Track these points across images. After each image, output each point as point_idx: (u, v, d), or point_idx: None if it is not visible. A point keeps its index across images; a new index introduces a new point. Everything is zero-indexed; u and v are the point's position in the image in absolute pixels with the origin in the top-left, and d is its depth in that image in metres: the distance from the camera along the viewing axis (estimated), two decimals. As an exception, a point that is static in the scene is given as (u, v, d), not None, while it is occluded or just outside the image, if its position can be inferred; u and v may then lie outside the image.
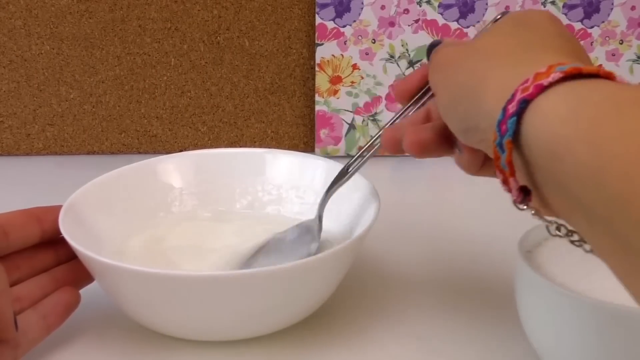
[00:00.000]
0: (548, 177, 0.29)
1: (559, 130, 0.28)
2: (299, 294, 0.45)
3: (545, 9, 0.39)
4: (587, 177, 0.26)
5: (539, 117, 0.29)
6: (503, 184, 0.32)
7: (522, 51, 0.34)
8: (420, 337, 0.47)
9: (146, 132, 0.77)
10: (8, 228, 0.44)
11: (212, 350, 0.46)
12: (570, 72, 0.29)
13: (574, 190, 0.27)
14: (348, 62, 0.74)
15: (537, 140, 0.29)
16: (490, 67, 0.34)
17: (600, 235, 0.27)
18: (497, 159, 0.32)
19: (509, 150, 0.31)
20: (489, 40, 0.37)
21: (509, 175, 0.32)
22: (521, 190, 0.32)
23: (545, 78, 0.29)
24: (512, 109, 0.30)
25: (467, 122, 0.35)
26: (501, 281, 0.53)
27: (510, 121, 0.30)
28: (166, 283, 0.42)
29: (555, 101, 0.29)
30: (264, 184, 0.57)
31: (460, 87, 0.35)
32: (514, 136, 0.30)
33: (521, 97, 0.30)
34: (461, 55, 0.37)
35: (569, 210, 0.29)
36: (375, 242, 0.55)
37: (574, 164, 0.27)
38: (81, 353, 0.46)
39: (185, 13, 0.74)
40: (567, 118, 0.28)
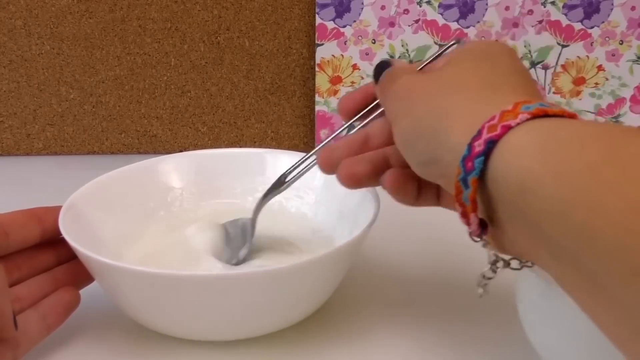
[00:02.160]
0: (515, 212, 0.29)
1: (528, 164, 0.28)
2: (299, 294, 0.45)
3: (503, 44, 0.39)
4: (555, 211, 0.26)
5: (507, 154, 0.29)
6: (462, 217, 0.33)
7: (484, 86, 0.34)
8: (420, 338, 0.47)
9: (146, 132, 0.77)
10: (8, 228, 0.44)
11: (212, 350, 0.46)
12: (537, 113, 0.30)
13: (541, 224, 0.27)
14: (348, 62, 0.74)
15: (505, 175, 0.29)
16: (454, 101, 0.34)
17: (566, 270, 0.27)
18: (458, 194, 0.32)
19: (473, 187, 0.31)
20: (451, 73, 0.37)
21: (471, 210, 0.32)
22: (479, 224, 0.33)
23: (513, 119, 0.30)
24: (478, 148, 0.30)
25: (428, 155, 0.35)
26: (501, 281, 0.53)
27: (478, 160, 0.30)
28: (166, 283, 0.42)
29: (524, 138, 0.29)
30: (264, 184, 0.57)
31: (423, 119, 0.35)
32: (480, 173, 0.31)
33: (488, 137, 0.30)
34: (422, 86, 0.37)
35: (534, 245, 0.29)
36: (375, 242, 0.55)
37: (543, 198, 0.27)
38: (81, 353, 0.46)
39: (185, 13, 0.74)
40: (535, 153, 0.28)
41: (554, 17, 0.73)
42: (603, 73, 0.75)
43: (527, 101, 0.31)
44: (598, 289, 0.25)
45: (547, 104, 0.31)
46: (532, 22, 0.73)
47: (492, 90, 0.34)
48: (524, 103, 0.30)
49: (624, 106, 0.76)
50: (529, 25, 0.73)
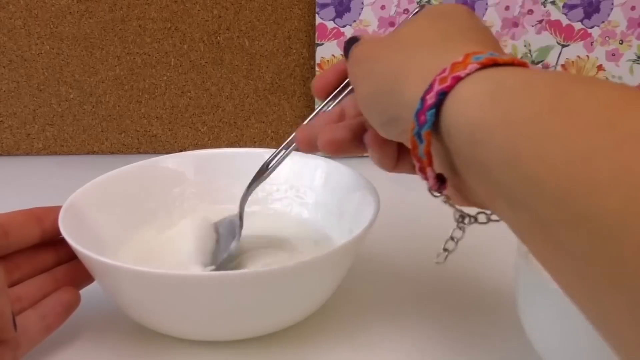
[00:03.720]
0: (469, 163, 0.30)
1: (477, 115, 0.29)
2: (299, 294, 0.45)
3: (461, 4, 0.39)
4: (505, 160, 0.27)
5: (458, 104, 0.30)
6: (419, 172, 0.33)
7: (439, 41, 0.35)
8: (420, 337, 0.47)
9: (146, 132, 0.77)
10: (8, 228, 0.44)
11: (212, 350, 0.46)
12: (486, 62, 0.30)
13: (494, 173, 0.28)
14: (348, 62, 0.74)
15: (457, 127, 0.30)
16: (408, 57, 0.34)
17: (519, 219, 0.27)
18: (414, 149, 0.32)
19: (427, 140, 0.31)
20: (407, 31, 0.37)
21: (427, 164, 0.32)
22: (437, 179, 0.33)
23: (463, 69, 0.30)
24: (430, 100, 0.30)
25: (388, 114, 0.36)
26: (501, 281, 0.53)
27: (430, 113, 0.31)
28: (166, 283, 0.42)
29: (474, 88, 0.29)
30: (263, 184, 0.57)
31: (380, 79, 0.36)
32: (432, 126, 0.31)
33: (439, 88, 0.30)
34: (380, 47, 0.37)
35: (491, 195, 0.29)
36: (375, 242, 0.55)
37: (492, 148, 0.27)
38: (81, 353, 0.46)
39: (185, 13, 0.74)
40: (484, 103, 0.28)
41: (554, 17, 0.73)
42: (603, 73, 0.75)
43: (478, 52, 0.31)
44: (547, 237, 0.25)
45: (499, 53, 0.31)
46: (532, 22, 0.73)
47: (446, 44, 0.34)
48: (474, 54, 0.31)
49: (624, 106, 0.76)
50: (529, 25, 0.73)
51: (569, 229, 0.24)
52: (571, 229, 0.24)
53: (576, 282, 0.25)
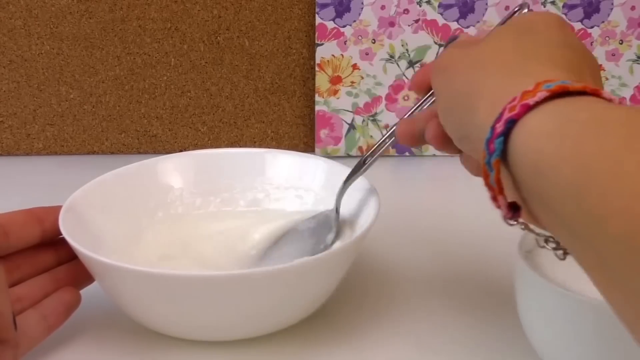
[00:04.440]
0: (532, 193, 0.30)
1: (544, 147, 0.28)
2: (299, 294, 0.45)
3: (556, 13, 0.38)
4: (569, 195, 0.26)
5: (525, 134, 0.29)
6: (492, 201, 0.33)
7: (519, 61, 0.34)
8: (420, 337, 0.47)
9: (146, 132, 0.77)
10: (8, 228, 0.44)
11: (212, 350, 0.46)
12: (557, 90, 0.30)
13: (555, 206, 0.28)
14: (348, 62, 0.74)
15: (522, 157, 0.29)
16: (484, 77, 0.34)
17: (581, 251, 0.27)
18: (486, 177, 0.32)
19: (496, 169, 0.31)
20: (490, 46, 0.37)
21: (498, 193, 0.32)
22: (510, 207, 0.32)
23: (532, 97, 0.30)
24: (499, 129, 0.30)
25: (461, 130, 0.36)
26: (501, 281, 0.53)
27: (498, 141, 0.30)
28: (166, 283, 0.42)
29: (542, 119, 0.29)
30: (264, 184, 0.57)
31: (456, 96, 0.36)
32: (501, 155, 0.31)
33: (508, 116, 0.30)
34: (461, 60, 0.37)
35: (553, 225, 0.29)
36: (375, 242, 0.55)
37: (556, 181, 0.27)
38: (81, 353, 0.46)
39: (185, 13, 0.74)
40: (552, 135, 0.28)
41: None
42: (603, 73, 0.75)
43: (550, 80, 0.30)
44: (608, 272, 0.25)
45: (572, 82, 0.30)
46: (532, 22, 0.73)
47: (524, 66, 0.33)
48: (546, 82, 0.30)
49: (624, 106, 0.76)
50: (529, 25, 0.73)
51: (633, 269, 0.24)
52: (633, 267, 0.24)
53: (635, 319, 0.25)
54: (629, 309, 0.25)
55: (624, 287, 0.25)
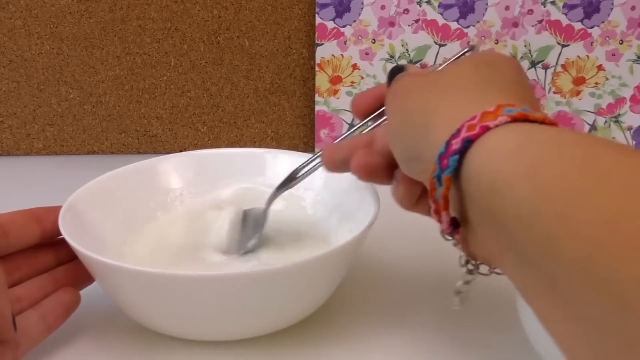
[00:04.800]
0: (485, 213, 0.29)
1: (502, 166, 0.28)
2: (299, 294, 0.45)
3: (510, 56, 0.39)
4: (524, 215, 0.26)
5: (482, 154, 0.29)
6: (434, 214, 0.33)
7: (476, 89, 0.34)
8: (420, 338, 0.47)
9: (146, 132, 0.77)
10: (8, 228, 0.44)
11: (212, 350, 0.46)
12: (517, 117, 0.30)
13: (509, 227, 0.27)
14: (348, 62, 0.74)
15: (478, 175, 0.29)
16: (442, 99, 0.34)
17: (528, 277, 0.27)
18: (432, 190, 0.32)
19: (446, 185, 0.31)
20: (448, 74, 0.37)
21: (442, 208, 0.32)
22: (451, 222, 0.33)
23: (493, 120, 0.30)
24: (455, 146, 0.30)
25: (412, 151, 0.35)
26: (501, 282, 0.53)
27: (453, 158, 0.30)
28: (166, 283, 0.42)
29: (501, 140, 0.29)
30: (263, 184, 0.57)
31: (411, 115, 0.36)
32: (454, 172, 0.31)
33: (466, 135, 0.30)
34: (418, 84, 0.37)
35: (501, 247, 0.29)
36: (375, 242, 0.55)
37: (512, 201, 0.27)
38: (81, 353, 0.46)
39: (185, 13, 0.74)
40: (510, 155, 0.28)
41: (554, 17, 0.73)
42: (603, 73, 0.75)
43: (511, 105, 0.30)
44: (558, 299, 0.25)
45: (532, 110, 0.30)
46: (532, 22, 0.73)
47: (482, 93, 0.34)
48: (507, 106, 0.30)
49: (624, 106, 0.76)
50: (529, 25, 0.73)
51: (586, 294, 0.23)
52: (589, 294, 0.23)
53: (583, 349, 0.24)
54: (578, 340, 0.24)
55: (571, 317, 0.24)
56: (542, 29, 0.73)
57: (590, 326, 0.23)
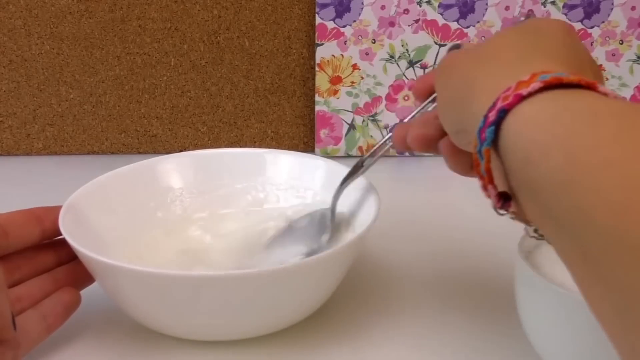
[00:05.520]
0: (521, 182, 0.29)
1: (535, 136, 0.28)
2: (299, 294, 0.45)
3: (562, 20, 0.38)
4: (558, 185, 0.26)
5: (516, 123, 0.29)
6: (483, 189, 0.33)
7: (519, 57, 0.34)
8: (420, 337, 0.47)
9: (146, 132, 0.77)
10: (8, 228, 0.44)
11: (212, 350, 0.46)
12: (551, 81, 0.29)
13: (544, 196, 0.27)
14: (348, 62, 0.74)
15: (513, 145, 0.29)
16: (484, 70, 0.34)
17: (564, 243, 0.27)
18: (477, 165, 0.32)
19: (487, 158, 0.31)
20: (493, 43, 0.37)
21: (488, 182, 0.32)
22: (500, 196, 0.32)
23: (525, 88, 0.30)
24: (491, 118, 0.30)
25: (459, 124, 0.36)
26: (501, 281, 0.53)
27: (489, 130, 0.30)
28: (166, 283, 0.42)
29: (534, 109, 0.29)
30: (264, 184, 0.57)
31: (455, 90, 0.36)
32: (492, 144, 0.31)
33: (501, 106, 0.30)
34: (462, 59, 0.37)
35: (540, 216, 0.29)
36: (375, 242, 0.55)
37: (546, 171, 0.27)
38: (81, 353, 0.46)
39: (185, 13, 0.74)
40: (544, 124, 0.28)
41: (554, 17, 0.73)
42: (603, 73, 0.75)
43: (547, 71, 0.30)
44: (592, 264, 0.25)
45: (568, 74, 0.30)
46: (532, 22, 0.73)
47: (525, 62, 0.33)
48: (542, 73, 0.30)
49: (624, 106, 0.76)
50: (529, 25, 0.73)
51: (615, 261, 0.24)
52: (618, 261, 0.23)
53: (613, 314, 0.25)
54: (608, 305, 0.25)
55: (605, 280, 0.25)
56: (542, 29, 0.73)
57: (619, 292, 0.24)
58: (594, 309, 0.26)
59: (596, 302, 0.26)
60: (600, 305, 0.26)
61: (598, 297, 0.25)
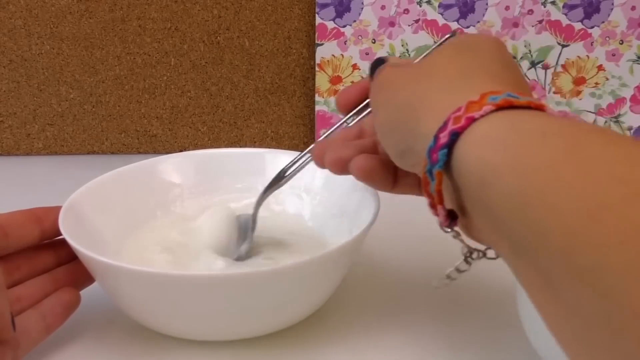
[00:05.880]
0: (477, 203, 0.29)
1: (489, 157, 0.28)
2: (299, 294, 0.45)
3: (493, 36, 0.38)
4: (513, 207, 0.26)
5: (469, 146, 0.29)
6: (431, 208, 0.33)
7: (460, 76, 0.34)
8: (420, 337, 0.47)
9: (146, 132, 0.77)
10: (8, 228, 0.44)
11: (212, 350, 0.46)
12: (502, 104, 0.30)
13: (500, 217, 0.27)
14: (348, 62, 0.74)
15: (467, 167, 0.29)
16: (426, 90, 0.34)
17: (524, 266, 0.27)
18: (426, 185, 0.32)
19: (438, 179, 0.31)
20: (431, 62, 0.37)
21: (437, 202, 0.32)
22: (448, 215, 0.33)
23: (478, 110, 0.30)
24: (443, 139, 0.30)
25: (403, 144, 0.35)
26: (501, 281, 0.53)
27: (442, 152, 0.30)
28: (166, 283, 0.42)
29: (487, 131, 0.29)
30: (264, 184, 0.57)
31: (399, 109, 0.35)
32: (444, 165, 0.31)
33: (452, 128, 0.30)
34: (403, 76, 0.37)
35: (497, 239, 0.29)
36: (375, 242, 0.55)
37: (501, 192, 0.27)
38: (81, 353, 0.46)
39: (185, 13, 0.74)
40: (496, 146, 0.28)
41: (554, 17, 0.73)
42: (603, 73, 0.75)
43: (496, 92, 0.30)
44: (548, 287, 0.25)
45: (517, 94, 0.30)
46: (532, 22, 0.73)
47: (466, 79, 0.34)
48: (491, 94, 0.30)
49: (624, 106, 0.76)
50: (529, 25, 0.73)
51: (570, 283, 0.24)
52: (573, 283, 0.23)
53: (571, 338, 0.25)
54: (567, 327, 0.25)
55: (560, 304, 0.24)
56: (542, 29, 0.73)
57: (576, 316, 0.24)
58: (555, 335, 0.26)
59: (556, 326, 0.26)
60: (560, 329, 0.25)
61: (558, 322, 0.25)
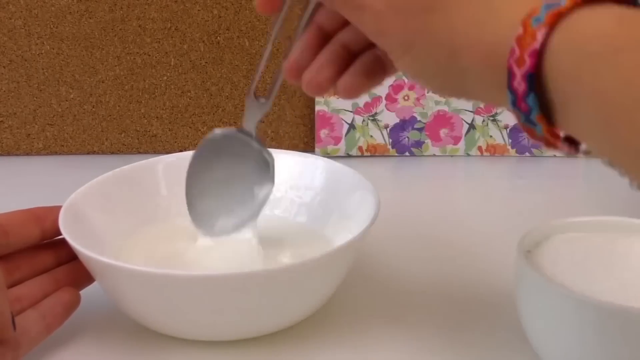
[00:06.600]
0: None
1: (568, 88, 0.28)
2: (299, 294, 0.45)
3: None
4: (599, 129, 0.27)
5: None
6: (547, 147, 0.32)
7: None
8: (420, 337, 0.47)
9: (146, 132, 0.77)
10: (8, 228, 0.44)
11: (212, 350, 0.46)
12: (550, 21, 0.29)
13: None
14: (348, 62, 0.74)
15: (562, 72, 0.29)
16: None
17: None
18: (530, 133, 0.31)
19: (543, 123, 0.30)
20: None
21: (554, 141, 0.31)
22: (569, 144, 0.31)
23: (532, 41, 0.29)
24: (521, 87, 0.29)
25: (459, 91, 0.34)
26: (501, 281, 0.53)
27: (530, 99, 0.29)
28: (166, 283, 0.42)
29: (557, 60, 0.29)
30: (264, 184, 0.57)
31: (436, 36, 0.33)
32: (538, 107, 0.30)
33: (524, 72, 0.29)
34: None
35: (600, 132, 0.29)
36: (375, 242, 0.55)
37: (584, 119, 0.28)
38: (81, 353, 0.46)
39: (185, 13, 0.74)
40: (570, 76, 0.28)
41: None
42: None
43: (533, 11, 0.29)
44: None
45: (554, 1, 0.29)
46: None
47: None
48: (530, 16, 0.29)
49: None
50: (529, 25, 0.73)
51: None
52: None
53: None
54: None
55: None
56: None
57: None
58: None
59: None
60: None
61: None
